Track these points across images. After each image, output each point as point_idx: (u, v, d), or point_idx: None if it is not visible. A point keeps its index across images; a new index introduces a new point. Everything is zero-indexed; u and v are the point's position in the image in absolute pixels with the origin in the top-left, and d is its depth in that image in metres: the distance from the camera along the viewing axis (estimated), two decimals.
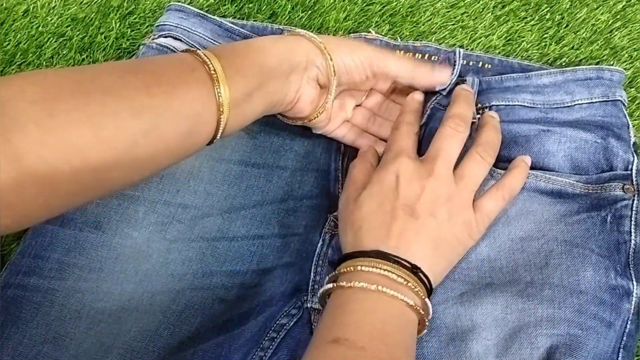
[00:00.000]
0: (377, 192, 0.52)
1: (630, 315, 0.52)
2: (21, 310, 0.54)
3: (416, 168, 0.53)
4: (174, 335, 0.55)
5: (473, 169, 0.54)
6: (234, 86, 0.49)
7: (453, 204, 0.52)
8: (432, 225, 0.51)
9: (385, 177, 0.53)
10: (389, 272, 0.47)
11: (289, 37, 0.56)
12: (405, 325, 0.47)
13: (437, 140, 0.55)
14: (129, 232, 0.58)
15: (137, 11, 0.72)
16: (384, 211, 0.51)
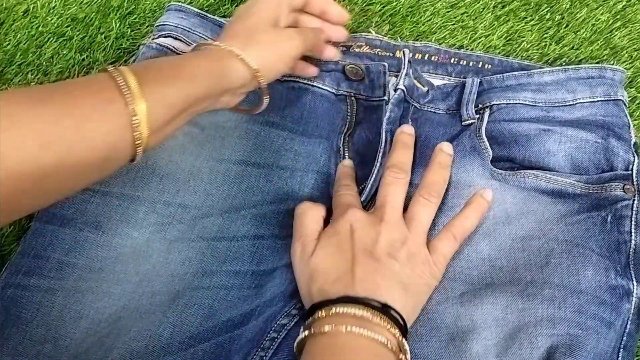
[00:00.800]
0: (335, 242, 0.52)
1: (630, 315, 0.52)
2: (21, 310, 0.54)
3: (367, 216, 0.54)
4: (174, 335, 0.55)
5: (420, 212, 0.55)
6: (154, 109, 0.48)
7: (409, 246, 0.52)
8: (394, 267, 0.51)
9: (340, 228, 0.53)
10: (360, 311, 0.47)
11: (222, 60, 0.54)
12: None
13: (381, 189, 0.56)
14: (129, 232, 0.58)
15: (137, 11, 0.72)
16: (345, 258, 0.51)
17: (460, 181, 0.58)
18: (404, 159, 0.58)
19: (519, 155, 0.59)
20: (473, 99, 0.62)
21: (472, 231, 0.56)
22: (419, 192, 0.56)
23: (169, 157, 0.60)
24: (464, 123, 0.61)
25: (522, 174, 0.57)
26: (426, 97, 0.64)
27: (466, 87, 0.63)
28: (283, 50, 0.57)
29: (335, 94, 0.66)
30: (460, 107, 0.62)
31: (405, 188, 0.56)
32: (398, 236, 0.52)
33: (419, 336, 0.52)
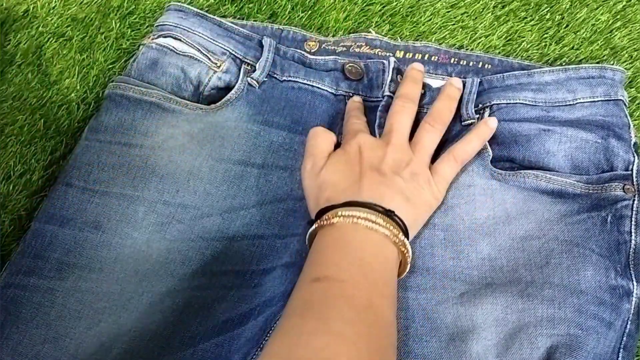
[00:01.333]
0: (343, 160, 0.56)
1: (630, 315, 0.52)
2: (21, 310, 0.54)
3: (375, 140, 0.58)
4: (173, 335, 0.55)
5: (425, 137, 0.58)
6: None
7: (413, 166, 0.56)
8: (399, 182, 0.54)
9: (349, 148, 0.57)
10: (365, 214, 0.50)
11: None
12: (384, 262, 0.50)
13: (389, 117, 0.60)
14: (128, 232, 0.58)
15: (137, 11, 0.72)
16: (353, 172, 0.55)
17: (459, 181, 0.58)
18: (413, 91, 0.62)
19: (519, 155, 0.59)
20: (473, 99, 0.62)
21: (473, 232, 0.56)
22: (425, 120, 0.60)
23: (168, 157, 0.60)
24: (463, 123, 0.61)
25: (522, 174, 0.57)
26: (423, 99, 0.64)
27: (466, 87, 0.63)
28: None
29: (335, 94, 0.66)
30: (459, 107, 0.62)
31: (413, 116, 0.60)
32: (403, 157, 0.56)
33: (419, 336, 0.52)
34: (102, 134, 0.61)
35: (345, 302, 0.46)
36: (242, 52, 0.66)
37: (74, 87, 0.68)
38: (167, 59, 0.65)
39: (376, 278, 0.48)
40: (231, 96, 0.63)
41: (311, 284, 0.48)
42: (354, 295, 0.46)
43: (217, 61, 0.66)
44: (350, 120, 0.62)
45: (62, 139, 0.65)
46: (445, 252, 0.56)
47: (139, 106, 0.62)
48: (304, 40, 0.69)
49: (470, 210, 0.57)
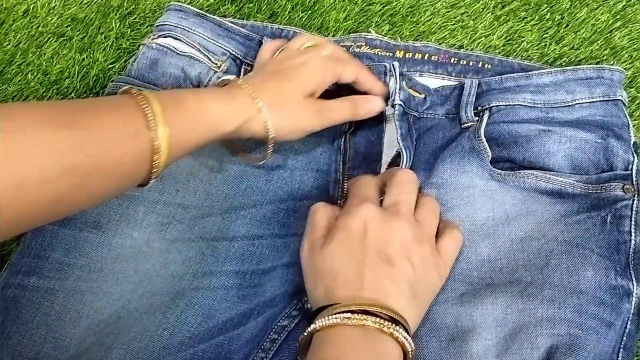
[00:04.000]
0: (345, 239, 0.50)
1: (630, 315, 0.52)
2: (21, 310, 0.54)
3: (381, 212, 0.52)
4: (173, 335, 0.55)
5: (430, 214, 0.54)
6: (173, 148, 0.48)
7: (424, 248, 0.51)
8: (408, 272, 0.49)
9: (352, 223, 0.51)
10: (366, 322, 0.45)
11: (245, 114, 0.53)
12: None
13: (393, 187, 0.54)
14: (129, 232, 0.58)
15: (137, 11, 0.72)
16: (356, 259, 0.49)
17: (459, 182, 0.58)
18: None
19: (519, 155, 0.59)
20: (472, 102, 0.62)
21: (472, 233, 0.56)
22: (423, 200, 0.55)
23: None
24: (463, 126, 0.61)
25: (521, 174, 0.57)
26: (424, 104, 0.64)
27: (465, 89, 0.63)
28: (302, 127, 0.56)
29: None
30: (459, 110, 0.62)
31: (416, 193, 0.55)
32: (413, 235, 0.51)
33: (418, 336, 0.52)
34: None
35: None
36: (242, 52, 0.66)
37: (74, 87, 0.68)
38: (167, 59, 0.65)
39: None
40: None
41: None
42: None
43: (217, 61, 0.66)
44: (362, 180, 0.56)
45: None
46: None
47: None
48: None
49: (469, 212, 0.57)
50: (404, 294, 0.48)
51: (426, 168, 0.59)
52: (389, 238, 0.50)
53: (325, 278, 0.49)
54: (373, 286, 0.48)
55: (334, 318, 0.46)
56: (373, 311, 0.46)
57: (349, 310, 0.46)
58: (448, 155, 0.59)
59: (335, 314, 0.46)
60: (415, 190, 0.55)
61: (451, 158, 0.59)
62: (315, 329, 0.46)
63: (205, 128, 0.51)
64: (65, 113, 0.44)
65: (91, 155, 0.43)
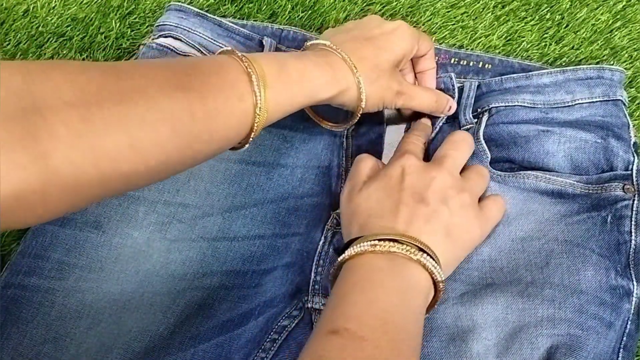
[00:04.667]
0: (383, 185, 0.52)
1: (631, 315, 0.52)
2: (21, 310, 0.54)
3: (423, 164, 0.53)
4: (174, 335, 0.55)
5: (477, 176, 0.55)
6: (274, 114, 0.49)
7: (464, 196, 0.52)
8: (444, 212, 0.50)
9: (392, 171, 0.52)
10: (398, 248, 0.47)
11: (343, 83, 0.54)
12: (411, 310, 0.46)
13: (445, 144, 0.56)
14: (129, 232, 0.58)
15: (137, 11, 0.72)
16: (392, 200, 0.50)
17: None
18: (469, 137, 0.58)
19: (519, 156, 0.59)
20: (471, 104, 0.62)
21: None
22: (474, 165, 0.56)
23: None
24: (462, 129, 0.61)
25: (521, 174, 0.57)
26: None
27: (464, 91, 0.63)
28: (383, 102, 0.57)
29: None
30: (457, 113, 0.62)
31: (470, 154, 0.56)
32: (452, 184, 0.52)
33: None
34: None
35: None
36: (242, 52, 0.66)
37: None
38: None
39: (400, 336, 0.44)
40: None
41: (328, 336, 0.42)
42: (373, 356, 0.42)
43: None
44: (409, 137, 0.58)
45: None
46: None
47: None
48: (304, 40, 0.69)
49: None
50: (436, 232, 0.49)
51: None
52: (427, 183, 0.51)
53: (360, 216, 0.51)
54: (405, 221, 0.49)
55: (363, 246, 0.47)
56: (402, 240, 0.47)
57: (377, 239, 0.47)
58: None
59: (364, 242, 0.47)
60: (468, 150, 0.56)
61: None
62: (345, 258, 0.47)
63: (305, 93, 0.51)
64: (179, 75, 0.45)
65: (200, 118, 0.44)
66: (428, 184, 0.51)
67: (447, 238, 0.50)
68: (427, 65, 0.62)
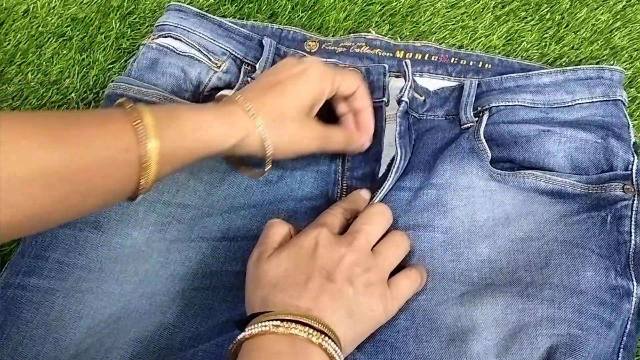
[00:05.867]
0: (293, 255, 0.50)
1: (631, 315, 0.52)
2: (21, 311, 0.54)
3: (336, 239, 0.52)
4: (173, 335, 0.55)
5: (391, 248, 0.53)
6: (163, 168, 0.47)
7: (371, 275, 0.50)
8: (348, 291, 0.49)
9: (305, 242, 0.51)
10: (297, 331, 0.45)
11: (243, 131, 0.52)
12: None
13: (362, 216, 0.54)
14: (128, 232, 0.58)
15: (137, 11, 0.72)
16: (300, 272, 0.49)
17: (459, 183, 0.58)
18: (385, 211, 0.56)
19: (519, 156, 0.59)
20: (471, 102, 0.62)
21: (472, 234, 0.56)
22: (394, 231, 0.55)
23: None
24: (463, 127, 0.61)
25: (521, 174, 0.57)
26: (424, 107, 0.64)
27: (464, 90, 0.63)
28: (299, 148, 0.56)
29: None
30: (458, 111, 0.62)
31: (386, 228, 0.55)
32: (362, 263, 0.50)
33: (419, 337, 0.52)
34: None
35: None
36: (242, 52, 0.66)
37: (74, 87, 0.68)
38: (167, 59, 0.65)
39: None
40: None
41: None
42: None
43: (218, 61, 0.66)
44: (329, 211, 0.56)
45: None
46: (445, 255, 0.56)
47: None
48: (304, 40, 0.69)
49: (469, 212, 0.57)
50: (339, 311, 0.48)
51: (426, 169, 0.59)
52: (336, 259, 0.50)
53: (265, 286, 0.49)
54: (309, 297, 0.47)
55: (263, 325, 0.45)
56: (303, 321, 0.45)
57: (279, 319, 0.45)
58: (448, 156, 0.59)
59: (266, 321, 0.45)
60: (383, 223, 0.55)
61: (451, 159, 0.59)
62: (245, 337, 0.45)
63: (199, 145, 0.50)
64: (57, 125, 0.44)
65: (78, 170, 0.43)
66: (337, 261, 0.50)
67: (349, 318, 0.48)
68: (360, 105, 0.59)
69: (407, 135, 0.61)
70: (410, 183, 0.59)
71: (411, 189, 0.59)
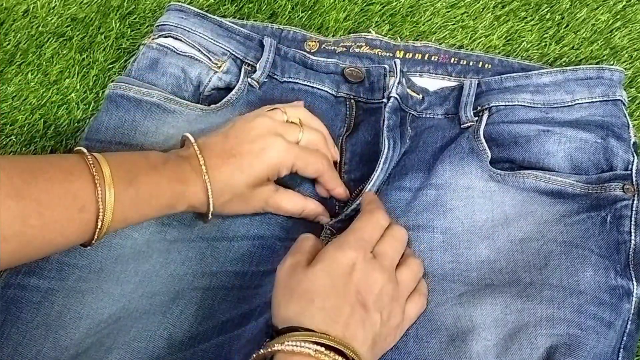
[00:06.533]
0: (330, 270, 0.49)
1: (630, 315, 0.52)
2: (21, 311, 0.54)
3: (370, 261, 0.51)
4: (173, 335, 0.55)
5: (408, 275, 0.53)
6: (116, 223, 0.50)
7: (394, 306, 0.51)
8: (377, 322, 0.49)
9: (342, 258, 0.50)
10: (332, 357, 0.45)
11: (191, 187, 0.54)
12: None
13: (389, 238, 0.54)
14: (129, 232, 0.58)
15: (137, 11, 0.72)
16: (337, 293, 0.48)
17: (458, 184, 0.58)
18: None
19: (519, 156, 0.59)
20: (471, 102, 0.62)
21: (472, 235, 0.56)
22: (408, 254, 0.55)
23: None
24: (462, 126, 0.61)
25: (521, 174, 0.57)
26: (422, 104, 0.64)
27: (464, 89, 0.63)
28: (246, 210, 0.58)
29: (335, 95, 0.66)
30: (458, 110, 0.62)
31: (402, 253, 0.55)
32: (391, 292, 0.50)
33: (419, 337, 0.52)
34: (102, 135, 0.61)
35: None
36: (242, 52, 0.66)
37: (73, 87, 0.68)
38: (167, 59, 0.65)
39: None
40: (232, 97, 0.64)
41: None
42: None
43: (218, 61, 0.66)
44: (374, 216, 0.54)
45: (62, 139, 0.65)
46: (445, 256, 0.56)
47: (140, 107, 0.62)
48: (304, 40, 0.69)
49: (469, 213, 0.57)
50: (367, 342, 0.48)
51: (425, 169, 0.59)
52: (371, 285, 0.49)
53: (301, 298, 0.48)
54: (345, 324, 0.47)
55: (307, 347, 0.45)
56: (345, 352, 0.45)
57: (321, 343, 0.45)
58: (447, 156, 0.59)
59: (308, 342, 0.45)
60: (404, 248, 0.55)
61: (450, 159, 0.59)
62: (283, 350, 0.45)
63: (154, 210, 0.53)
64: (16, 180, 0.45)
65: (33, 226, 0.45)
66: (371, 286, 0.49)
67: (372, 349, 0.48)
68: (329, 187, 0.60)
69: (398, 130, 0.61)
70: (409, 183, 0.59)
71: (411, 189, 0.59)
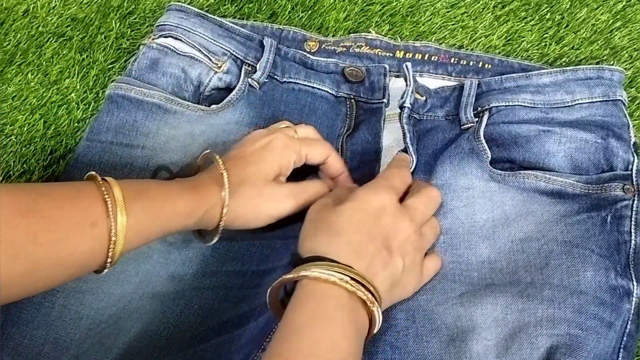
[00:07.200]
0: (361, 209, 0.51)
1: (631, 315, 0.52)
2: (22, 311, 0.54)
3: (400, 209, 0.53)
4: (174, 335, 0.55)
5: (431, 232, 0.55)
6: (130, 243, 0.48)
7: (417, 256, 0.53)
8: (398, 265, 0.51)
9: (373, 200, 0.52)
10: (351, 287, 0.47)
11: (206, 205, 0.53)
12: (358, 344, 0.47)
13: (423, 196, 0.55)
14: None
15: (137, 11, 0.72)
16: (364, 230, 0.50)
17: (458, 184, 0.58)
18: None
19: (519, 156, 0.59)
20: (471, 102, 0.62)
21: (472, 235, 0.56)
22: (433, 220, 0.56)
23: (170, 159, 0.60)
24: (463, 127, 0.61)
25: (521, 174, 0.57)
26: (425, 107, 0.64)
27: (464, 90, 0.63)
28: (266, 213, 0.56)
29: (335, 95, 0.66)
30: (458, 111, 0.62)
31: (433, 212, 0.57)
32: (415, 242, 0.52)
33: (419, 336, 0.52)
34: (103, 135, 0.61)
35: None
36: (242, 52, 0.66)
37: (74, 87, 0.68)
38: (167, 59, 0.65)
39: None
40: (232, 97, 0.64)
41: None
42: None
43: (218, 62, 0.66)
44: (401, 169, 0.57)
45: (62, 139, 0.65)
46: (445, 256, 0.56)
47: (140, 107, 0.62)
48: (304, 40, 0.69)
49: (469, 213, 0.57)
50: (386, 283, 0.50)
51: (426, 170, 0.59)
52: (398, 232, 0.51)
53: (329, 230, 0.50)
54: (369, 262, 0.49)
55: (333, 275, 0.47)
56: (366, 285, 0.47)
57: (348, 275, 0.47)
58: (447, 156, 0.59)
59: (335, 271, 0.47)
60: (435, 209, 0.57)
61: (450, 160, 0.59)
62: (309, 275, 0.47)
63: (168, 221, 0.51)
64: (26, 199, 0.44)
65: (44, 244, 0.44)
66: (398, 232, 0.51)
67: (390, 290, 0.50)
68: (334, 172, 0.61)
69: (415, 140, 0.61)
70: None
71: None
